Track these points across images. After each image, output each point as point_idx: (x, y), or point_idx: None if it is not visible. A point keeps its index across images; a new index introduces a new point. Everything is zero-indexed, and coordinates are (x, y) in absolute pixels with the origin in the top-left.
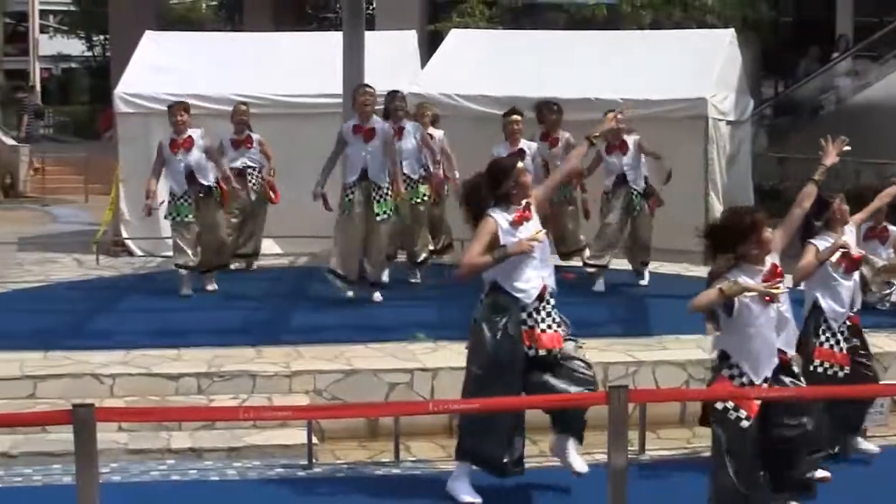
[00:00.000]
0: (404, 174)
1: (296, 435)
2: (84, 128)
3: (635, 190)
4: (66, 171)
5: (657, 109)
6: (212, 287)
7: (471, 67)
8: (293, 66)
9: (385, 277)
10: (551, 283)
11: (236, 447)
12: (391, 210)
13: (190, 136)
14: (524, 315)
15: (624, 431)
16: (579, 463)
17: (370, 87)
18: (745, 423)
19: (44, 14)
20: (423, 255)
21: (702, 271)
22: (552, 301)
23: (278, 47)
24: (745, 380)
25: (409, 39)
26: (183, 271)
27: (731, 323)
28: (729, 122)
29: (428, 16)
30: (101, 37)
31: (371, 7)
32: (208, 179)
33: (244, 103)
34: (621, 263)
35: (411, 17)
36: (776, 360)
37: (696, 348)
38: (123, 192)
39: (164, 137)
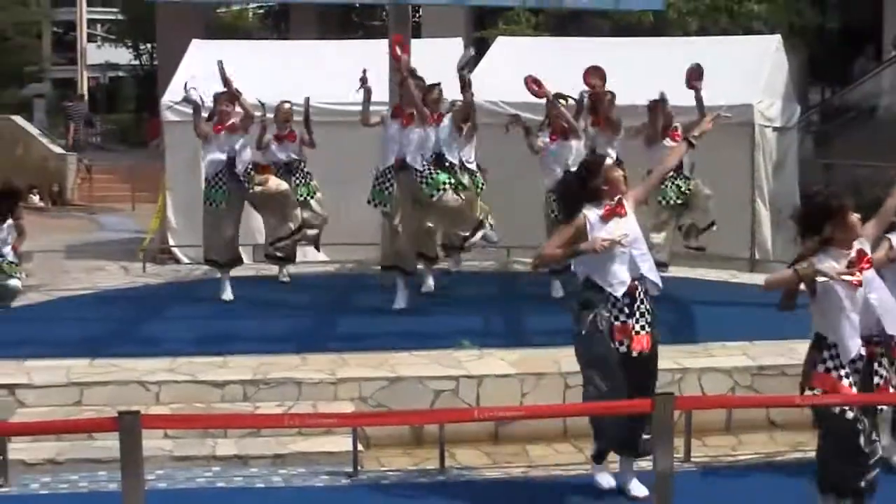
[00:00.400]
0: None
1: (341, 442)
2: (131, 136)
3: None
4: (114, 179)
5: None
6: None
7: (517, 75)
8: (339, 74)
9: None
10: (650, 281)
11: (282, 454)
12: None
13: (234, 122)
14: (615, 311)
15: (670, 438)
16: (637, 488)
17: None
18: (849, 414)
19: (91, 23)
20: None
21: (748, 278)
22: (646, 302)
23: (324, 55)
24: (837, 362)
25: (455, 47)
26: (218, 273)
27: (818, 304)
28: (775, 129)
29: (474, 23)
30: (149, 45)
31: (417, 15)
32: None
33: (287, 101)
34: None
35: (457, 25)
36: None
37: (741, 355)
38: (170, 200)
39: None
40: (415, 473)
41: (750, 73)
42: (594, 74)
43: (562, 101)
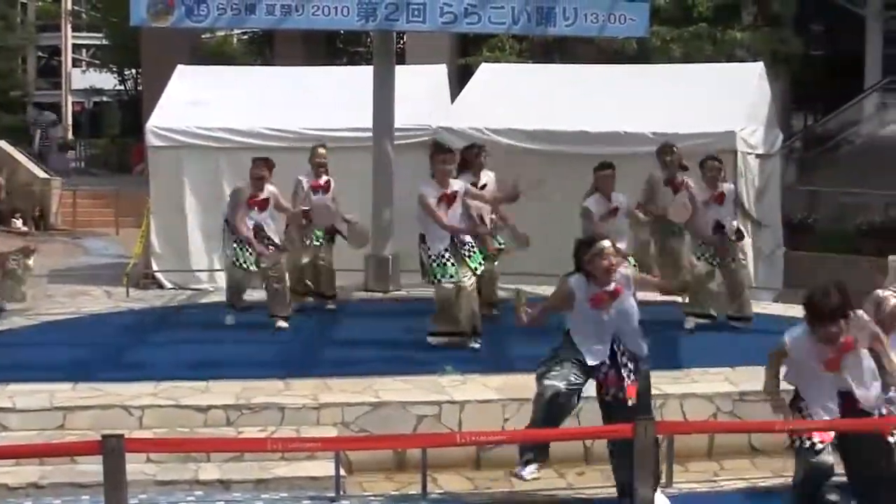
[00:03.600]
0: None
1: (324, 467)
2: (115, 161)
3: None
4: (98, 203)
5: (686, 143)
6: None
7: (501, 101)
8: (324, 100)
9: None
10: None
11: (264, 479)
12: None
13: (267, 199)
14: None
15: (651, 464)
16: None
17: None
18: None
19: (76, 48)
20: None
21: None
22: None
23: (309, 81)
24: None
25: (439, 73)
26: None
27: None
28: (758, 156)
29: (458, 50)
30: (134, 71)
31: (401, 41)
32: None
33: (322, 144)
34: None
35: (442, 51)
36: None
37: (723, 381)
38: (154, 225)
39: (244, 186)
40: (397, 498)
41: (733, 100)
42: None
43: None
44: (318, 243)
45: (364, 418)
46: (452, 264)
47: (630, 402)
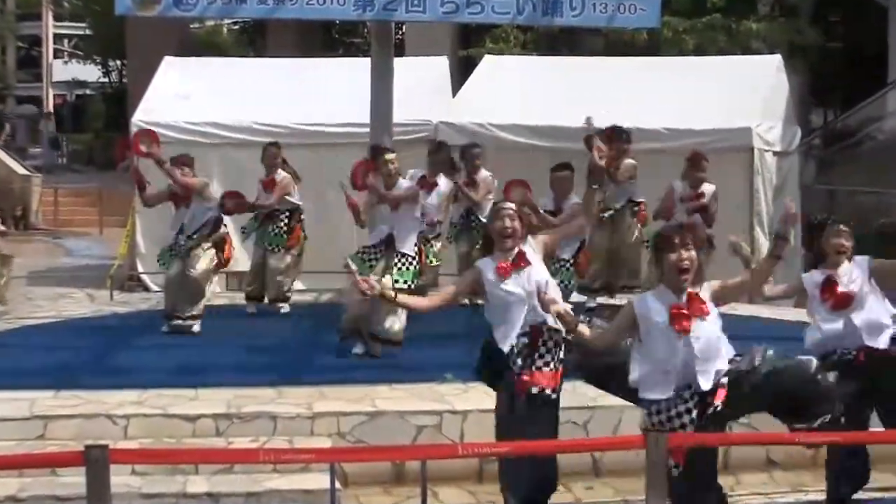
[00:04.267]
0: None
1: (318, 479)
2: (99, 157)
3: None
4: (80, 202)
5: (700, 140)
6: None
7: (504, 95)
8: (319, 94)
9: None
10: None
11: (255, 492)
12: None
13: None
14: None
15: (662, 477)
16: None
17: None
18: None
19: (58, 38)
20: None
21: (746, 310)
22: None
23: (303, 74)
24: None
25: (440, 66)
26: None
27: None
28: (775, 153)
29: (460, 41)
30: (118, 62)
31: (400, 32)
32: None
33: (275, 143)
34: None
35: (442, 43)
36: None
37: None
38: (140, 224)
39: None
40: None
41: (749, 94)
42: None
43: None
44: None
45: (361, 428)
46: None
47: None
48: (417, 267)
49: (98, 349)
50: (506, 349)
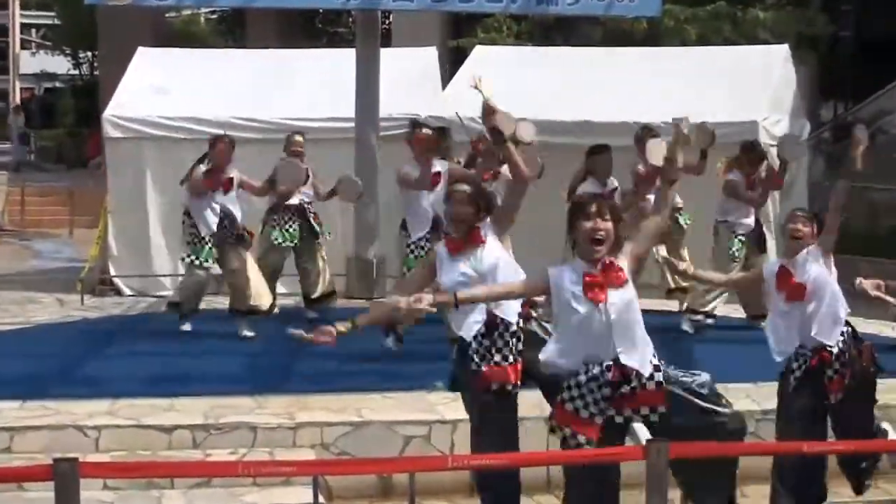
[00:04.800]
0: None
1: (300, 494)
2: (69, 154)
3: None
4: (49, 201)
5: None
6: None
7: (497, 88)
8: (301, 87)
9: None
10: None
11: None
12: None
13: (231, 178)
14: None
15: (664, 489)
16: None
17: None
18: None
19: (25, 28)
20: None
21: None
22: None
23: (285, 66)
24: None
25: (429, 57)
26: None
27: None
28: None
29: (450, 31)
30: (89, 54)
31: (387, 21)
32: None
33: (299, 132)
34: (663, 304)
35: (431, 33)
36: None
37: (745, 398)
38: (112, 225)
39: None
40: None
41: (755, 86)
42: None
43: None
44: (290, 242)
45: (345, 439)
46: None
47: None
48: None
49: (68, 356)
50: (468, 337)
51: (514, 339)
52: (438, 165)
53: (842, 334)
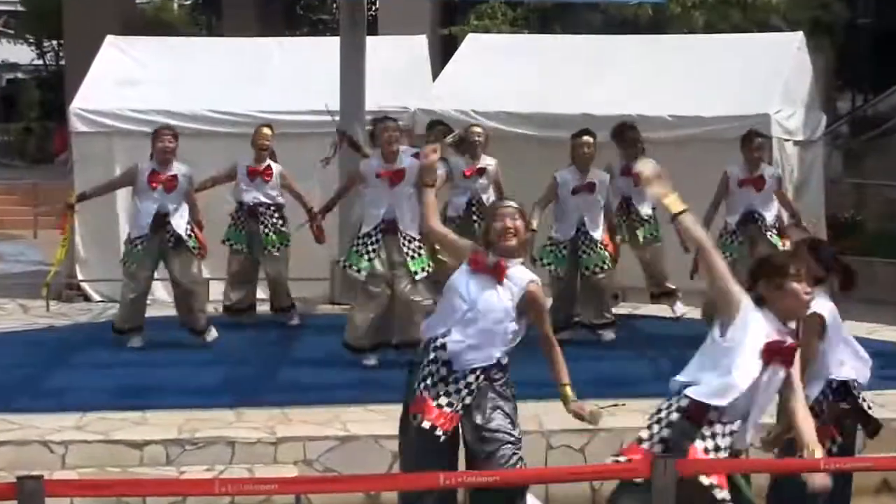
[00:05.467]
0: None
1: None
2: (33, 150)
3: None
4: (11, 200)
5: (711, 128)
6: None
7: (490, 79)
8: (281, 78)
9: None
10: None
11: None
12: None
13: (175, 176)
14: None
15: None
16: None
17: (393, 119)
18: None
19: None
20: None
21: None
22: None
23: (264, 55)
24: None
25: (418, 46)
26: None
27: None
28: (797, 143)
29: (441, 18)
30: (55, 42)
31: (374, 8)
32: (181, 227)
33: (267, 124)
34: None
35: (421, 20)
36: None
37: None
38: (79, 226)
39: (145, 165)
40: None
41: (767, 77)
42: None
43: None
44: (239, 246)
45: (330, 455)
46: (370, 256)
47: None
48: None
49: (32, 367)
50: (436, 334)
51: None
52: (406, 161)
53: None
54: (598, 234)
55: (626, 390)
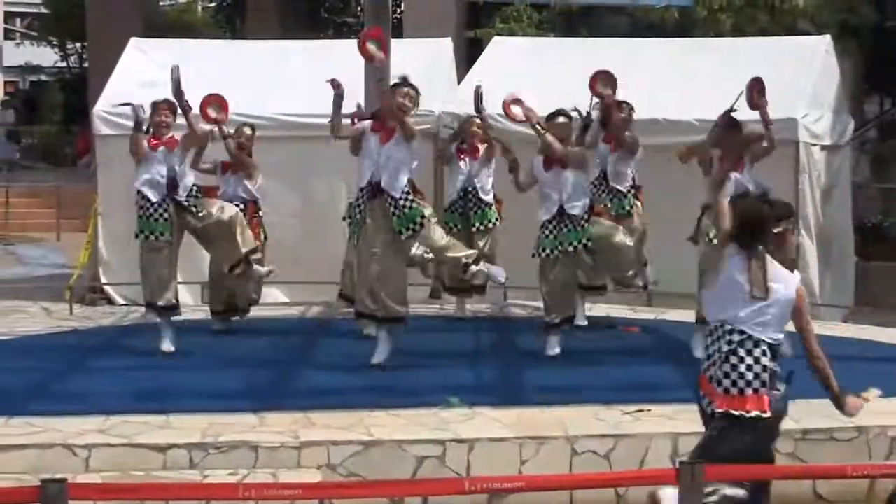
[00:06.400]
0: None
1: None
2: (56, 152)
3: None
4: (35, 203)
5: None
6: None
7: (516, 82)
8: (305, 81)
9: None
10: None
11: None
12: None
13: (174, 137)
14: None
15: None
16: None
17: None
18: None
19: (9, 17)
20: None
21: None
22: None
23: (287, 57)
24: None
25: (443, 49)
26: (157, 318)
27: None
28: (824, 147)
29: (466, 21)
30: (78, 45)
31: (399, 10)
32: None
33: (249, 125)
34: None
35: (447, 23)
36: None
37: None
38: (102, 229)
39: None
40: None
41: (794, 80)
42: (603, 82)
43: (562, 118)
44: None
45: (353, 460)
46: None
47: None
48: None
49: (55, 370)
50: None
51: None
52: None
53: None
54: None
55: (651, 395)
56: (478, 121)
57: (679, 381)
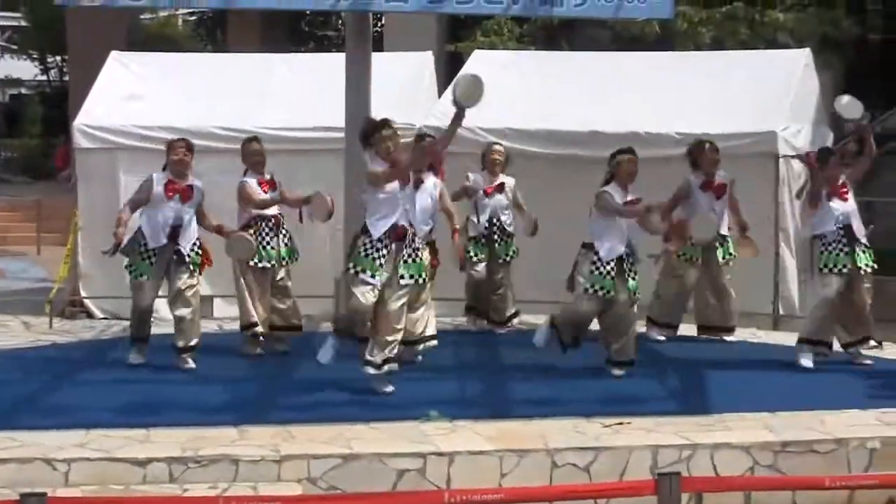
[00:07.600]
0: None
1: None
2: (37, 166)
3: None
4: (14, 217)
5: (719, 145)
6: (188, 365)
7: (497, 96)
8: (286, 94)
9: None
10: None
11: None
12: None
13: (191, 186)
14: None
15: None
16: None
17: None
18: None
19: None
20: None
21: (771, 337)
22: None
23: (269, 71)
24: None
25: (424, 62)
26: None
27: None
28: None
29: (447, 35)
30: (58, 58)
31: (379, 24)
32: (187, 245)
33: (255, 137)
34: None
35: (427, 37)
36: None
37: (762, 429)
38: (82, 242)
39: (160, 176)
40: None
41: (774, 93)
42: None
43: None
44: (269, 263)
45: (334, 473)
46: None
47: None
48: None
49: (35, 384)
50: None
51: None
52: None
53: None
54: None
55: (631, 408)
56: (500, 148)
57: (659, 393)
